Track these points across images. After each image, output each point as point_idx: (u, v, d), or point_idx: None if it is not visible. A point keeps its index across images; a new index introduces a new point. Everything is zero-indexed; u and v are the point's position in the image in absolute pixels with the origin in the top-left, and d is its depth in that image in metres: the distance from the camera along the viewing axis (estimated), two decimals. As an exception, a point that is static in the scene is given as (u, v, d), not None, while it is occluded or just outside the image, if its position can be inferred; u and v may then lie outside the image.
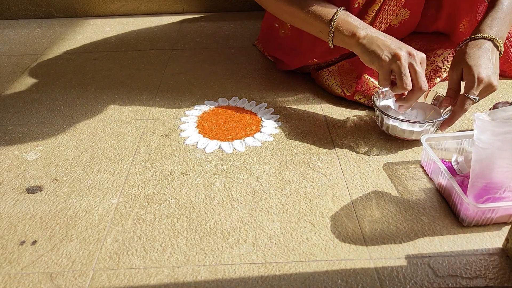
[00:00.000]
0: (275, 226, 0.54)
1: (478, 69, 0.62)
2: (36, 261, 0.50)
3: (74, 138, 0.73)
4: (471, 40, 0.65)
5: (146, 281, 0.48)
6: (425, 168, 0.63)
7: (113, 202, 0.59)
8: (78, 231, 0.54)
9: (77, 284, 0.48)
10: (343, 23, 0.65)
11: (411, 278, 0.47)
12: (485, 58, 0.63)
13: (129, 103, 0.83)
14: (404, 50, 0.62)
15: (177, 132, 0.73)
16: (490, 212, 0.51)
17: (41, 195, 0.60)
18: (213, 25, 1.22)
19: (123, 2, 1.30)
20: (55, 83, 0.91)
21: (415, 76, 0.61)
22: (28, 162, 0.67)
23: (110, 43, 1.12)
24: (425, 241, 0.51)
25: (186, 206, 0.58)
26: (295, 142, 0.70)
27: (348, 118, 0.76)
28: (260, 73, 0.93)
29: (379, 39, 0.63)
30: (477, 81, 0.61)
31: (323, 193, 0.59)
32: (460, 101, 0.64)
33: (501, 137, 0.49)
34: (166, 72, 0.95)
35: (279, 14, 0.74)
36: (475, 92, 0.62)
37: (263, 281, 0.47)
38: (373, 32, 0.64)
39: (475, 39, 0.65)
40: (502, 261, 0.49)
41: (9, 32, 1.21)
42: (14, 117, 0.79)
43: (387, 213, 0.56)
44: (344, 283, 0.47)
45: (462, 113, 0.64)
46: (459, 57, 0.65)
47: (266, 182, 0.62)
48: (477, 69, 0.62)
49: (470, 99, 0.62)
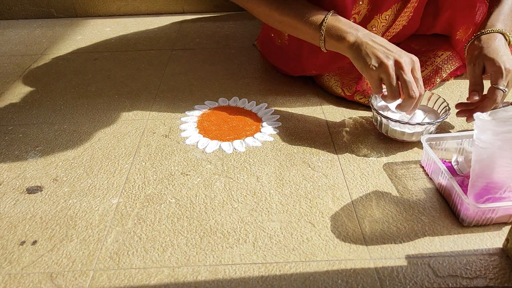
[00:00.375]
0: (275, 226, 0.54)
1: (502, 60, 0.61)
2: (36, 261, 0.50)
3: (74, 138, 0.73)
4: (482, 34, 0.65)
5: (146, 281, 0.48)
6: (425, 168, 0.63)
7: (113, 202, 0.59)
8: (78, 231, 0.54)
9: (77, 284, 0.48)
10: (332, 29, 0.64)
11: (411, 278, 0.47)
12: (504, 50, 0.63)
13: (129, 103, 0.83)
14: (391, 59, 0.60)
15: (177, 132, 0.73)
16: (490, 212, 0.51)
17: (41, 195, 0.60)
18: (213, 25, 1.22)
19: (123, 2, 1.30)
20: (55, 83, 0.91)
21: (404, 85, 0.60)
22: (28, 162, 0.67)
23: (110, 43, 1.12)
24: (425, 241, 0.51)
25: (186, 206, 0.58)
26: (295, 142, 0.70)
27: (349, 118, 0.76)
28: (260, 73, 0.93)
29: (367, 45, 0.62)
30: (505, 71, 0.61)
31: (323, 193, 0.59)
32: (490, 93, 0.62)
33: (502, 137, 0.49)
34: (166, 72, 0.95)
35: (271, 22, 0.73)
36: (504, 83, 0.61)
37: (263, 281, 0.47)
38: (363, 36, 0.63)
39: (486, 34, 0.65)
40: (502, 261, 0.49)
41: (9, 32, 1.21)
42: (14, 117, 0.79)
43: (387, 213, 0.56)
44: (344, 283, 0.47)
45: (493, 105, 0.63)
46: (477, 52, 0.64)
47: (266, 182, 0.62)
48: (501, 60, 0.61)
49: (501, 89, 0.61)
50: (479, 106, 0.64)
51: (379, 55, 0.60)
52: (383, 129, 0.69)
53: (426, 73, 0.81)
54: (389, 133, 0.68)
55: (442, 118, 0.66)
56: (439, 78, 0.81)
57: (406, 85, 0.60)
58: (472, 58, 0.65)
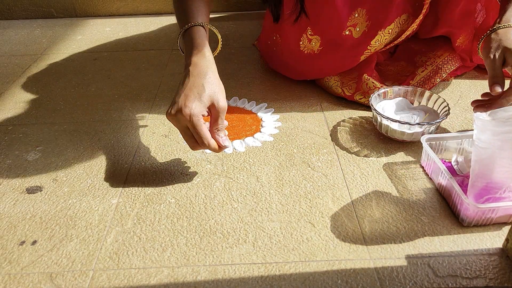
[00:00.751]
0: (275, 226, 0.54)
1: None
2: (36, 261, 0.50)
3: (74, 138, 0.73)
4: (499, 29, 0.63)
5: (146, 281, 0.48)
6: (425, 168, 0.63)
7: (113, 202, 0.59)
8: (78, 231, 0.54)
9: (77, 284, 0.48)
10: (185, 42, 0.60)
11: (411, 278, 0.47)
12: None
13: (129, 103, 0.83)
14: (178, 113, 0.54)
15: (177, 132, 0.73)
16: (490, 212, 0.51)
17: (41, 195, 0.60)
18: (213, 25, 1.22)
19: (123, 2, 1.30)
20: (55, 83, 0.91)
21: (196, 137, 0.56)
22: (28, 162, 0.67)
23: (110, 43, 1.12)
24: (425, 241, 0.51)
25: (186, 206, 0.58)
26: (295, 142, 0.70)
27: (349, 118, 0.76)
28: (260, 73, 0.93)
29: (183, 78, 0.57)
30: None
31: (323, 193, 0.59)
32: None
33: (501, 137, 0.49)
34: (166, 72, 0.95)
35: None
36: None
37: (263, 281, 0.47)
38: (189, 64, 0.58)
39: (503, 28, 0.63)
40: (502, 261, 0.49)
41: (9, 32, 1.21)
42: (14, 117, 0.79)
43: (387, 213, 0.56)
44: (344, 283, 0.47)
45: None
46: (495, 44, 0.62)
47: (266, 182, 0.62)
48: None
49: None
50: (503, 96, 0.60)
51: (176, 104, 0.55)
52: (383, 129, 0.69)
53: (426, 73, 0.81)
54: (389, 133, 0.68)
55: (442, 118, 0.66)
56: (439, 78, 0.81)
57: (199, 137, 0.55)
58: (490, 49, 0.63)
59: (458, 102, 0.79)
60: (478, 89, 0.83)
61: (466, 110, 0.77)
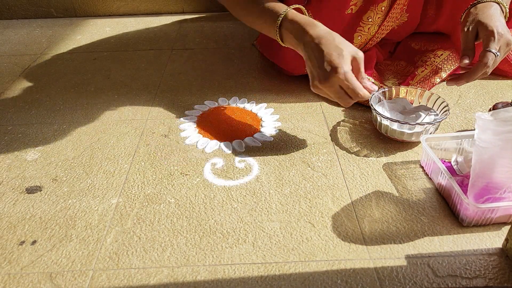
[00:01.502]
0: (275, 226, 0.54)
1: (495, 24, 0.62)
2: (35, 261, 0.50)
3: (74, 138, 0.72)
4: (479, 3, 0.65)
5: (146, 281, 0.48)
6: (425, 168, 0.63)
7: (112, 202, 0.59)
8: (77, 231, 0.54)
9: (77, 284, 0.48)
10: (289, 25, 0.63)
11: (410, 278, 0.47)
12: (499, 17, 0.63)
13: (129, 103, 0.83)
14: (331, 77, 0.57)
15: (176, 132, 0.73)
16: (489, 212, 0.51)
17: (41, 195, 0.60)
18: (213, 25, 1.22)
19: (123, 2, 1.29)
20: (55, 83, 0.91)
21: (349, 91, 0.58)
22: (28, 162, 0.67)
23: (110, 43, 1.12)
24: (425, 241, 0.51)
25: (185, 206, 0.58)
26: (295, 142, 0.70)
27: (348, 118, 0.76)
28: (260, 73, 0.93)
29: (313, 53, 0.59)
30: (497, 35, 0.62)
31: (323, 193, 0.59)
32: (481, 56, 0.63)
33: (502, 137, 0.49)
34: (165, 72, 0.95)
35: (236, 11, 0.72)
36: (496, 46, 0.62)
37: (262, 281, 0.47)
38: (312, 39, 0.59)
39: (483, 2, 0.65)
40: (502, 261, 0.49)
41: (9, 32, 1.21)
42: (14, 117, 0.79)
43: (386, 213, 0.56)
44: (344, 283, 0.47)
45: (484, 68, 0.63)
46: (471, 18, 0.65)
47: (266, 182, 0.62)
48: (494, 25, 0.62)
49: (492, 52, 0.62)
50: (470, 71, 0.64)
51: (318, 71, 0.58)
52: (383, 129, 0.69)
53: (425, 73, 0.81)
54: (389, 133, 0.68)
55: (442, 118, 0.66)
56: (438, 78, 0.81)
57: (350, 93, 0.58)
58: (467, 23, 0.65)
59: (458, 102, 0.79)
60: (478, 89, 0.83)
61: (466, 110, 0.77)
